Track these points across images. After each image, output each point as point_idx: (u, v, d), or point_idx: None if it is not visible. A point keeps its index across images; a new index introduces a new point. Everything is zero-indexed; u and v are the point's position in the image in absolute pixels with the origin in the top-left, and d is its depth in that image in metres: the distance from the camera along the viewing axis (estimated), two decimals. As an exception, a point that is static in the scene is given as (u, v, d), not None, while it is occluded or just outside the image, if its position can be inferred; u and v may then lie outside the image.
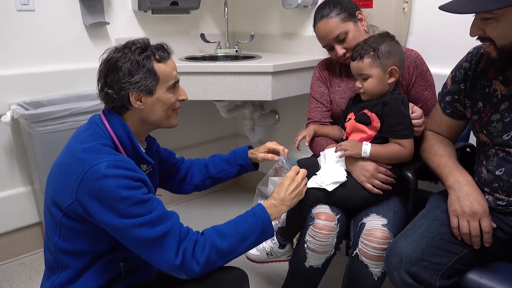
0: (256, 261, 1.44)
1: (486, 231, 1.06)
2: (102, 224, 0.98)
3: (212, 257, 1.02)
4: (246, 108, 2.40)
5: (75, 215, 1.01)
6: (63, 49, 1.98)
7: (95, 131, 1.05)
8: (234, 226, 1.08)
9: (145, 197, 0.98)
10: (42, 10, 1.89)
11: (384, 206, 1.30)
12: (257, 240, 1.09)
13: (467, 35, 1.15)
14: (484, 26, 1.02)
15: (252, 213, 1.11)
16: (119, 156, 1.01)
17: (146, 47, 1.07)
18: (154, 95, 1.07)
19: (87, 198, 0.96)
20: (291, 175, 1.19)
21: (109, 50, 1.08)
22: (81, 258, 1.06)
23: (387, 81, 1.29)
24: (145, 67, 1.05)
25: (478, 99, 1.17)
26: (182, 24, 2.38)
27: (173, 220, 1.01)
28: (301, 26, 2.20)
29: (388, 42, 1.28)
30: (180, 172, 1.39)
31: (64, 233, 1.04)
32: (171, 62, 1.11)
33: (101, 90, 1.08)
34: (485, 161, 1.17)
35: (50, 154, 1.75)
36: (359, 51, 1.29)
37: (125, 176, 0.97)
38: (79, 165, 0.97)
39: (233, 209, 2.50)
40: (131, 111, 1.09)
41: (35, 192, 2.01)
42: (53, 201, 1.03)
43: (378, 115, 1.28)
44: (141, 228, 0.96)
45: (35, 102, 1.85)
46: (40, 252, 2.08)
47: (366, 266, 1.22)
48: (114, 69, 1.04)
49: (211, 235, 1.04)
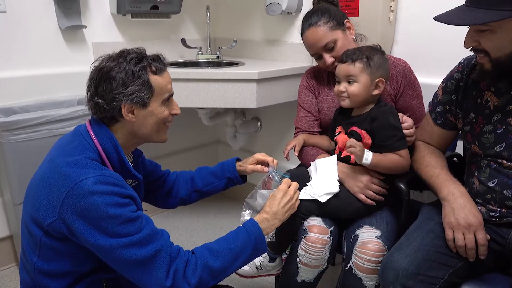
0: (245, 276, 1.39)
1: (482, 244, 1.06)
2: (87, 244, 0.92)
3: (204, 278, 0.97)
4: (228, 115, 2.35)
5: (57, 234, 0.94)
6: (37, 53, 1.88)
7: (80, 143, 0.99)
8: (226, 243, 1.03)
9: (134, 215, 0.93)
10: (15, 11, 1.79)
11: (376, 217, 1.29)
12: (250, 256, 1.05)
13: (453, 44, 1.17)
14: (479, 38, 1.02)
15: (244, 229, 1.06)
16: (107, 171, 0.95)
17: (142, 57, 1.02)
18: (147, 108, 1.02)
19: (72, 216, 0.89)
20: (283, 188, 1.16)
21: (102, 58, 1.02)
22: (62, 279, 0.99)
23: (372, 92, 1.27)
24: (141, 78, 0.99)
25: (470, 110, 1.17)
26: (162, 29, 2.32)
27: (163, 240, 0.96)
28: (284, 32, 2.18)
29: (380, 56, 1.28)
30: (166, 185, 1.33)
31: (44, 253, 0.97)
32: (167, 74, 1.06)
33: (90, 99, 1.02)
34: (477, 172, 1.17)
35: (23, 164, 1.66)
36: (351, 55, 1.27)
37: (113, 192, 0.91)
38: (64, 180, 0.91)
39: (215, 219, 2.44)
40: (121, 123, 1.03)
41: (5, 204, 1.89)
42: (32, 218, 0.96)
43: (368, 131, 1.26)
44: (129, 248, 0.90)
45: (7, 109, 1.74)
46: (10, 267, 1.97)
47: (360, 279, 1.20)
48: (107, 78, 0.98)
49: (202, 254, 0.99)
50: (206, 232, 2.30)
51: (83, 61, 2.02)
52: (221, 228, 2.34)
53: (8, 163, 1.65)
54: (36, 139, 1.66)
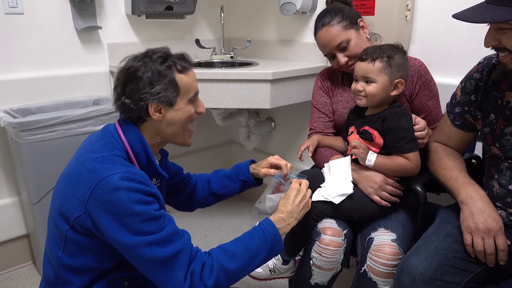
0: (259, 278, 1.38)
1: (502, 249, 1.02)
2: (110, 240, 0.92)
3: (220, 279, 0.96)
4: (241, 115, 2.34)
5: (82, 229, 0.95)
6: (53, 54, 1.91)
7: (109, 141, 1.00)
8: (242, 244, 1.02)
9: (157, 213, 0.94)
10: (32, 13, 1.82)
11: (392, 220, 1.26)
12: (266, 257, 1.04)
13: (472, 43, 1.13)
14: (499, 36, 0.98)
15: (260, 229, 1.05)
16: (133, 169, 0.96)
17: (167, 56, 1.03)
18: (174, 107, 1.03)
19: (97, 211, 0.90)
20: (296, 186, 1.15)
21: (128, 58, 1.04)
22: (84, 275, 1.00)
23: (390, 93, 1.24)
24: (167, 77, 1.00)
25: (490, 111, 1.14)
26: (176, 29, 2.32)
27: (184, 240, 0.96)
28: (299, 32, 2.16)
29: (401, 55, 1.24)
30: (188, 188, 1.34)
31: (69, 248, 0.99)
32: (192, 73, 1.07)
33: (117, 99, 1.03)
34: (496, 174, 1.13)
35: (39, 164, 1.68)
36: (371, 53, 1.23)
37: (138, 190, 0.92)
38: (91, 175, 0.92)
39: (228, 220, 2.44)
40: (148, 122, 1.04)
41: (22, 204, 1.92)
42: (60, 212, 0.98)
43: (379, 131, 1.24)
44: (151, 247, 0.91)
45: (23, 110, 1.77)
46: (27, 265, 2.00)
47: (374, 283, 1.18)
48: (134, 78, 1.00)
49: (218, 255, 0.99)
50: (220, 233, 2.30)
51: (98, 62, 2.04)
52: (234, 228, 2.34)
53: (25, 162, 1.67)
54: (52, 139, 1.67)
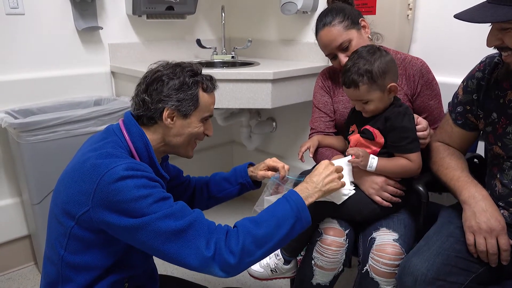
0: (260, 278, 1.38)
1: (504, 249, 1.02)
2: (121, 230, 0.92)
3: (247, 245, 0.93)
4: (243, 115, 2.34)
5: (88, 225, 0.95)
6: (54, 55, 1.91)
7: (112, 139, 1.01)
8: (266, 213, 1.01)
9: (165, 194, 0.95)
10: (32, 13, 1.82)
11: (394, 220, 1.26)
12: (293, 226, 0.99)
13: (474, 43, 1.13)
14: (502, 36, 0.98)
15: (284, 199, 1.03)
16: (137, 161, 0.98)
17: (197, 73, 1.08)
18: (187, 119, 1.06)
19: (105, 203, 0.91)
20: (326, 161, 1.14)
21: (160, 63, 1.08)
22: (86, 273, 1.00)
23: (388, 97, 1.23)
24: (191, 90, 1.05)
25: (492, 110, 1.13)
26: (177, 29, 2.32)
27: (197, 213, 0.96)
28: (300, 32, 2.16)
29: (378, 58, 1.19)
30: (188, 192, 1.34)
31: (72, 245, 0.98)
32: (214, 96, 1.12)
33: (137, 95, 1.06)
34: (499, 174, 1.13)
35: (40, 164, 1.68)
36: (351, 77, 1.19)
37: (143, 176, 0.93)
38: (95, 170, 0.92)
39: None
40: (158, 125, 1.06)
41: (24, 204, 1.92)
42: (64, 210, 0.97)
43: (381, 130, 1.24)
44: (165, 220, 0.90)
45: (24, 110, 1.77)
46: (29, 266, 2.00)
47: (376, 283, 1.17)
48: (161, 81, 1.04)
49: (243, 223, 0.98)
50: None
51: (99, 62, 2.04)
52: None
53: (26, 163, 1.68)
54: (53, 139, 1.68)
